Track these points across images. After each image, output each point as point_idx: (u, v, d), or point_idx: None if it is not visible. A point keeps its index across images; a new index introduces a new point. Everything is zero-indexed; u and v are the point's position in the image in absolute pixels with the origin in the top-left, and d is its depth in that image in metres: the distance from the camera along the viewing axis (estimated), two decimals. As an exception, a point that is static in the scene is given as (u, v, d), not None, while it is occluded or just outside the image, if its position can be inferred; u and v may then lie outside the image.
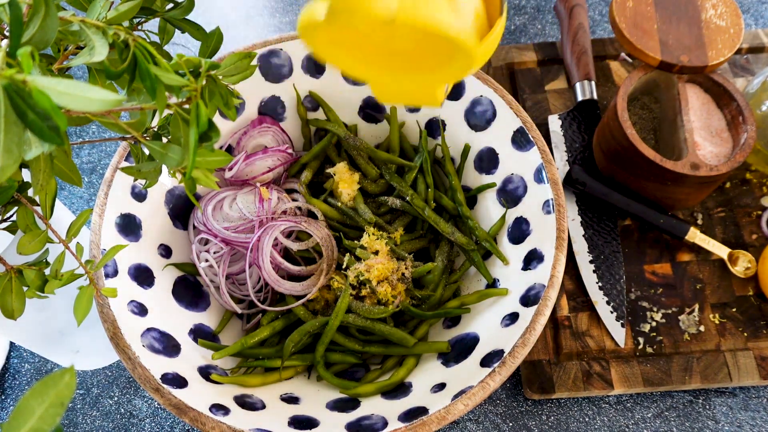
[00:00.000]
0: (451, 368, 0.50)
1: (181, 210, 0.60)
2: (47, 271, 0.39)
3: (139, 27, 0.44)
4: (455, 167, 0.63)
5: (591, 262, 0.65)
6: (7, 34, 0.25)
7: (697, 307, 0.63)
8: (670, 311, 0.63)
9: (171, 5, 0.44)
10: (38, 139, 0.23)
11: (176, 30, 0.45)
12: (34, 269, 0.39)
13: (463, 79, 0.60)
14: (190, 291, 0.58)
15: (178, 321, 0.54)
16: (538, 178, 0.55)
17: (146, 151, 0.38)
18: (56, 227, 0.39)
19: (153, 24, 0.46)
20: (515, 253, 0.55)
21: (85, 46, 0.30)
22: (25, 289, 0.39)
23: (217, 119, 0.61)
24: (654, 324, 0.62)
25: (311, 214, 0.61)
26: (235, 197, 0.60)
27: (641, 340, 0.61)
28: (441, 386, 0.48)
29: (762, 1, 0.86)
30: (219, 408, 0.46)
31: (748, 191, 0.69)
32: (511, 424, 0.60)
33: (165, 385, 0.45)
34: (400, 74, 0.31)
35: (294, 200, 0.62)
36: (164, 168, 0.38)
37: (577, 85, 0.73)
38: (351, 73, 0.32)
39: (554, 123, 0.73)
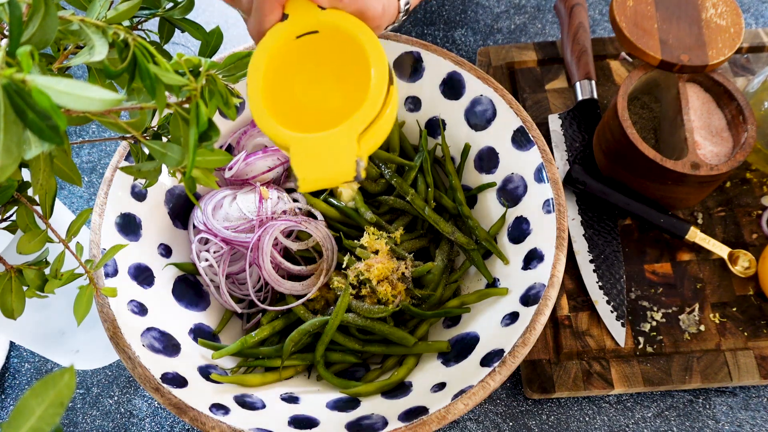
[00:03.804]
0: (451, 368, 0.50)
1: (181, 209, 0.60)
2: (47, 271, 0.39)
3: (139, 26, 0.44)
4: (455, 167, 0.63)
5: (591, 261, 0.65)
6: (7, 33, 0.25)
7: (697, 306, 0.63)
8: (670, 311, 0.63)
9: (171, 4, 0.44)
10: (38, 138, 0.23)
11: (176, 29, 0.45)
12: (34, 269, 0.39)
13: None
14: (190, 290, 0.58)
15: (178, 320, 0.54)
16: (539, 177, 0.54)
17: (146, 151, 0.38)
18: (56, 227, 0.39)
19: (153, 23, 0.46)
20: (515, 253, 0.55)
21: (84, 45, 0.30)
22: (24, 288, 0.39)
23: (217, 119, 0.61)
24: (654, 323, 0.62)
25: (311, 214, 0.61)
26: (235, 197, 0.60)
27: (641, 339, 0.61)
28: (441, 386, 0.48)
29: (762, 1, 0.86)
30: (219, 407, 0.46)
31: (748, 191, 0.69)
32: (511, 424, 0.60)
33: (165, 385, 0.45)
34: (323, 134, 0.36)
35: (294, 200, 0.62)
36: (164, 167, 0.38)
37: (578, 85, 0.73)
38: (281, 138, 0.36)
39: (554, 122, 0.73)
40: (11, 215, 0.40)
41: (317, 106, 0.38)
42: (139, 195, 0.56)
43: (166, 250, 0.57)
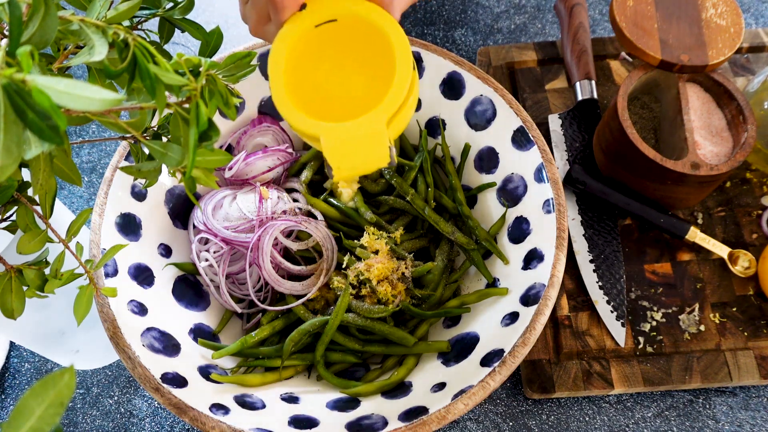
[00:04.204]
0: (451, 368, 0.50)
1: (181, 209, 0.60)
2: (47, 271, 0.39)
3: (139, 26, 0.44)
4: (455, 166, 0.63)
5: (591, 261, 0.65)
6: (7, 33, 0.25)
7: (697, 306, 0.63)
8: (670, 311, 0.63)
9: (171, 4, 0.44)
10: (38, 138, 0.23)
11: (176, 29, 0.45)
12: (34, 269, 0.39)
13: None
14: (190, 290, 0.58)
15: (178, 320, 0.54)
16: (539, 177, 0.54)
17: (146, 151, 0.38)
18: (56, 227, 0.39)
19: (153, 23, 0.46)
20: (515, 253, 0.55)
21: (84, 45, 0.30)
22: (24, 288, 0.39)
23: (217, 118, 0.61)
24: (654, 323, 0.62)
25: (311, 214, 0.61)
26: (235, 197, 0.60)
27: (641, 339, 0.61)
28: (441, 386, 0.48)
29: (762, 1, 0.86)
30: (219, 407, 0.46)
31: (748, 190, 0.69)
32: (511, 424, 0.60)
33: (165, 385, 0.45)
34: (355, 121, 0.36)
35: (294, 200, 0.62)
36: (164, 167, 0.38)
37: (578, 85, 0.73)
38: (310, 129, 0.37)
39: (554, 122, 0.73)
40: (11, 215, 0.40)
41: (340, 95, 0.37)
42: (139, 195, 0.56)
43: (166, 250, 0.57)
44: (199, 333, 0.55)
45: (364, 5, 0.37)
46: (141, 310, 0.51)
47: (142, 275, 0.53)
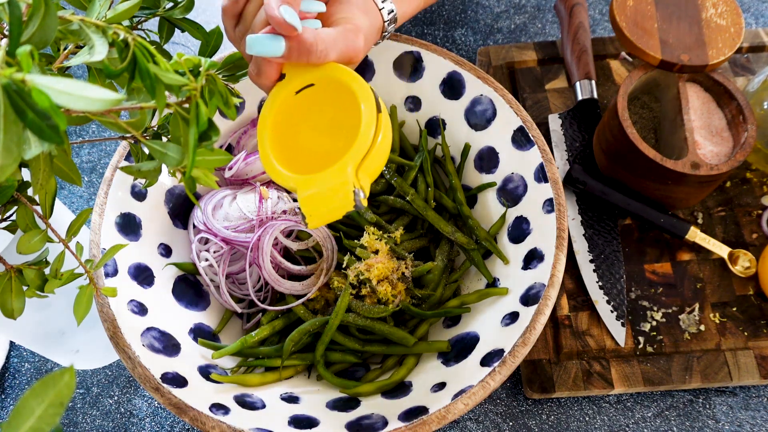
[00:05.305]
0: (451, 367, 0.50)
1: (181, 209, 0.60)
2: (47, 271, 0.39)
3: (139, 26, 0.44)
4: (455, 166, 0.63)
5: (591, 261, 0.65)
6: (7, 33, 0.25)
7: (697, 306, 0.63)
8: (670, 310, 0.63)
9: (171, 4, 0.44)
10: (38, 138, 0.23)
11: (176, 29, 0.45)
12: (34, 269, 0.39)
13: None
14: (190, 290, 0.58)
15: (178, 320, 0.54)
16: (539, 177, 0.54)
17: (146, 151, 0.38)
18: (56, 226, 0.39)
19: (153, 23, 0.46)
20: (515, 253, 0.55)
21: (84, 45, 0.30)
22: (24, 288, 0.39)
23: (217, 118, 0.61)
24: (654, 323, 0.62)
25: (311, 214, 0.61)
26: (235, 196, 0.60)
27: (641, 339, 0.61)
28: (441, 385, 0.48)
29: (762, 1, 0.86)
30: (219, 407, 0.46)
31: (748, 190, 0.69)
32: (511, 424, 0.60)
33: (165, 385, 0.45)
34: (322, 173, 0.39)
35: (294, 200, 0.62)
36: (164, 167, 0.38)
37: (578, 84, 0.73)
38: (288, 182, 0.40)
39: (554, 122, 0.73)
40: (11, 215, 0.40)
41: (318, 150, 0.41)
42: (139, 195, 0.56)
43: (166, 250, 0.57)
44: (199, 333, 0.55)
45: (333, 67, 0.41)
46: (141, 310, 0.51)
47: (142, 275, 0.53)
